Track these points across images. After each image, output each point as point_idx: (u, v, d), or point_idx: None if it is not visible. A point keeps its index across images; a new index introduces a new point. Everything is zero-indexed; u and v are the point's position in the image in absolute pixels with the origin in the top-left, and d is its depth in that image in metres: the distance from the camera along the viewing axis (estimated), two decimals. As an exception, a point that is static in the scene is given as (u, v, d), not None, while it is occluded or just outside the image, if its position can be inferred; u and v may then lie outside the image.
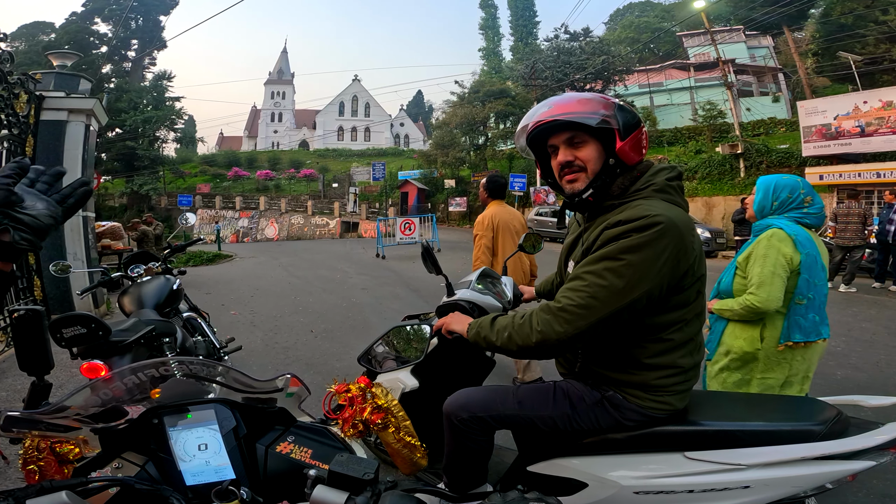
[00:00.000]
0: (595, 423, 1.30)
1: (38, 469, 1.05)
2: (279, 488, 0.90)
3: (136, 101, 33.45)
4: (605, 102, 1.25)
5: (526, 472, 1.42)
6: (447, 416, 1.42)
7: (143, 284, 2.83)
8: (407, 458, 1.31)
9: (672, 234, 1.14)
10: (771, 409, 1.38)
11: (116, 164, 33.48)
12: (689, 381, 1.29)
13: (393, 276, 10.10)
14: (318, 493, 0.63)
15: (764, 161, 16.81)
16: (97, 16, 35.66)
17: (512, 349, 1.27)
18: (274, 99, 57.53)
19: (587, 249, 1.25)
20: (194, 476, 0.84)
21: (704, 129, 21.83)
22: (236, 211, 32.51)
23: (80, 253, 6.07)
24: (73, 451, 1.08)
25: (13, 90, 5.10)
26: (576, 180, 1.29)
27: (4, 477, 2.46)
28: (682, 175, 1.34)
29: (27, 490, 0.57)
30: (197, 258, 13.55)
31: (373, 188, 32.65)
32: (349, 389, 1.28)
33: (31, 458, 1.05)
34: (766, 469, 1.15)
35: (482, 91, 27.35)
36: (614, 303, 1.14)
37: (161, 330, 2.34)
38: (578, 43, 26.56)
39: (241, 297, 8.12)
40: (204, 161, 43.81)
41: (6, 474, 2.48)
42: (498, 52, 47.71)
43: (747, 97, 24.90)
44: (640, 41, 32.26)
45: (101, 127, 7.30)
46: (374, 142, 54.05)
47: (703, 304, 1.29)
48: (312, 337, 5.49)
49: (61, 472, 1.06)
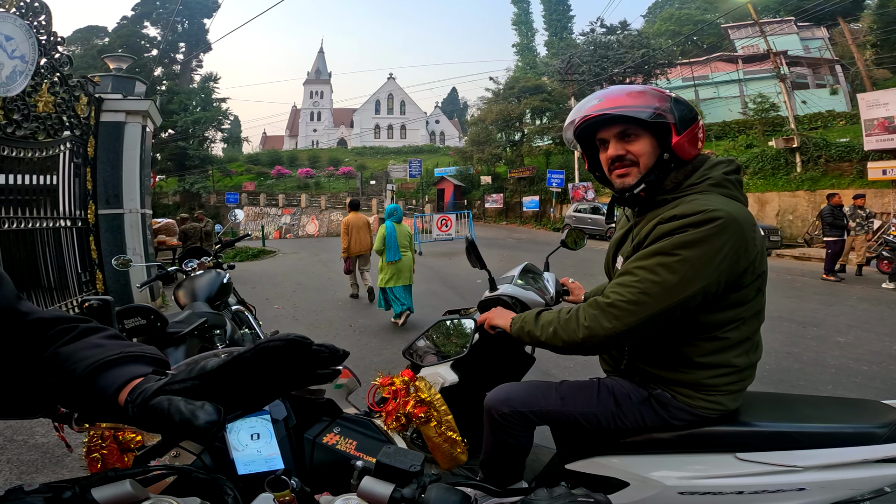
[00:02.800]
0: (640, 421, 1.27)
1: (101, 457, 1.08)
2: (323, 479, 0.92)
3: (186, 103, 35.10)
4: (660, 96, 1.21)
5: (564, 470, 1.41)
6: (488, 410, 1.42)
7: (196, 278, 2.98)
8: (447, 452, 1.32)
9: (732, 229, 1.10)
10: (831, 410, 1.32)
11: (169, 164, 35.27)
12: (744, 382, 1.25)
13: (430, 272, 10.17)
14: (366, 484, 0.63)
15: (822, 155, 15.83)
16: (146, 19, 37.21)
17: (556, 345, 1.26)
18: (312, 98, 58.95)
19: (638, 245, 1.22)
20: (245, 465, 0.85)
21: (756, 123, 20.74)
22: (279, 208, 33.60)
23: (139, 248, 6.43)
24: (135, 440, 1.11)
25: (73, 93, 5.40)
26: (627, 175, 1.25)
27: (61, 465, 2.60)
28: (740, 169, 1.28)
29: (92, 479, 0.59)
30: (243, 254, 14.12)
31: (409, 185, 32.96)
32: (393, 382, 1.30)
33: (94, 446, 1.08)
34: (823, 471, 1.12)
35: (517, 87, 27.06)
36: (667, 299, 1.11)
37: (212, 322, 2.46)
38: (616, 37, 25.85)
39: (283, 292, 8.40)
40: (249, 160, 45.55)
41: (63, 462, 2.62)
42: (532, 48, 47.07)
43: (802, 90, 23.49)
44: (682, 34, 31.00)
45: (155, 128, 7.70)
46: (410, 139, 54.50)
47: (762, 302, 1.23)
48: (351, 332, 5.61)
49: (122, 460, 1.09)
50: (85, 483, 0.58)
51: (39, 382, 0.64)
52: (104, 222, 6.14)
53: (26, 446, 2.81)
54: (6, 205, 4.49)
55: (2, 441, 2.85)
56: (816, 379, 3.85)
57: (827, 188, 14.70)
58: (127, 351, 0.65)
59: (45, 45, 4.66)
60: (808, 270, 9.95)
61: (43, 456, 2.70)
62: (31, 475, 2.51)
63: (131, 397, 0.58)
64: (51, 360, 0.64)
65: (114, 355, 0.63)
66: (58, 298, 5.13)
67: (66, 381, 0.62)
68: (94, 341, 0.67)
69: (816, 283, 8.56)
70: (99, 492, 0.57)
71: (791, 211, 15.90)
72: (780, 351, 4.39)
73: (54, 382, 0.63)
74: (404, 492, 0.62)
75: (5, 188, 4.44)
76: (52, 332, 0.68)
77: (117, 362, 0.63)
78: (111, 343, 0.68)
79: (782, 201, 16.04)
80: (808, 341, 4.79)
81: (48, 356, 0.65)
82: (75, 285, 5.55)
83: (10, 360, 0.66)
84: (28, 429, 2.96)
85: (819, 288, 8.08)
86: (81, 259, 5.74)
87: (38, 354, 0.66)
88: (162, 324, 2.06)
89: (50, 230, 5.18)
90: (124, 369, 0.63)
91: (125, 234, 6.31)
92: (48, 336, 0.67)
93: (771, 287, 1.31)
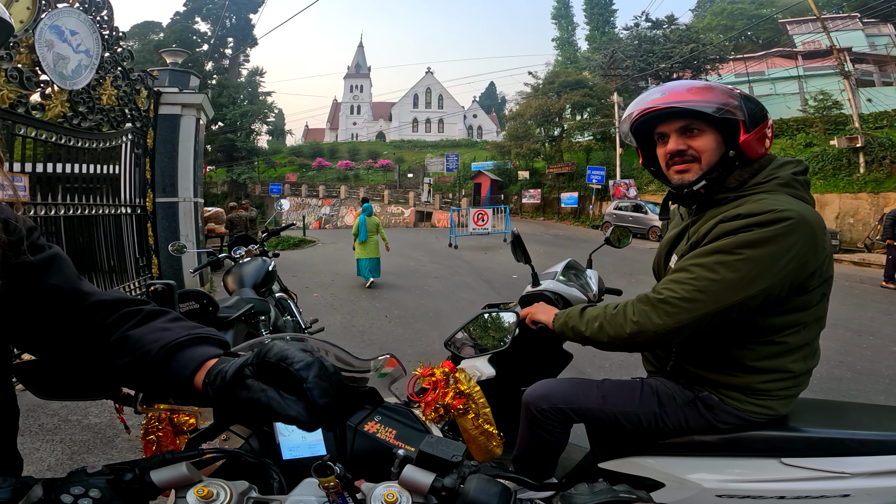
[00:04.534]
0: (683, 423, 1.25)
1: (157, 439, 1.12)
2: (362, 466, 0.93)
3: (234, 97, 36.41)
4: (729, 92, 1.17)
5: (597, 469, 1.40)
6: (526, 405, 1.42)
7: (244, 265, 3.11)
8: (483, 445, 1.33)
9: (802, 230, 1.06)
10: (884, 418, 1.28)
11: (219, 155, 36.79)
12: (798, 388, 1.21)
13: (465, 265, 10.19)
14: (408, 472, 0.63)
15: (888, 156, 14.73)
16: (197, 15, 38.47)
17: (602, 340, 1.23)
18: (352, 92, 59.97)
19: (695, 244, 1.18)
20: (290, 451, 0.88)
21: (816, 121, 19.51)
22: (320, 199, 34.48)
23: (191, 235, 6.76)
24: (188, 422, 1.16)
25: (135, 86, 5.69)
26: (687, 171, 1.21)
27: (112, 446, 2.71)
28: (808, 170, 1.23)
29: (150, 461, 0.61)
30: (285, 243, 14.59)
31: (446, 179, 33.01)
32: (434, 373, 1.33)
33: (151, 428, 1.13)
34: (870, 478, 1.10)
35: (557, 82, 26.53)
36: (724, 299, 1.08)
37: (258, 308, 2.57)
38: (662, 31, 24.81)
39: (322, 281, 8.63)
40: (291, 152, 46.83)
41: (114, 443, 2.72)
42: (572, 42, 45.97)
43: (868, 87, 21.90)
44: (736, 28, 29.42)
45: (207, 120, 8.04)
46: (448, 133, 54.54)
47: (825, 307, 1.19)
48: (387, 322, 5.71)
49: (174, 441, 1.14)
50: (144, 465, 0.60)
51: (108, 365, 0.67)
52: (160, 210, 6.48)
53: (80, 426, 2.91)
54: (71, 192, 4.79)
55: (57, 421, 2.96)
56: (869, 389, 3.69)
57: (892, 191, 13.70)
58: (194, 333, 0.67)
59: (107, 39, 4.89)
60: (868, 277, 9.35)
61: (95, 436, 2.80)
62: (82, 455, 2.59)
63: (208, 379, 0.60)
64: (121, 343, 0.66)
65: (183, 337, 0.65)
66: (117, 281, 5.46)
67: (139, 363, 0.64)
68: (160, 325, 0.69)
69: (875, 290, 8.05)
70: (157, 474, 0.59)
71: (852, 214, 14.92)
72: (834, 359, 4.21)
73: (127, 364, 0.65)
74: (445, 481, 0.62)
75: (71, 177, 4.74)
76: (117, 316, 0.70)
77: (186, 344, 0.65)
78: (177, 325, 0.70)
79: (843, 203, 15.06)
80: (863, 350, 4.61)
81: (117, 339, 0.67)
82: (133, 269, 5.89)
83: (74, 341, 0.68)
84: (83, 409, 3.07)
85: (878, 296, 7.61)
86: (139, 245, 6.09)
87: (104, 337, 0.67)
88: (213, 308, 2.17)
89: (111, 217, 5.51)
90: (195, 350, 0.65)
91: (179, 222, 6.64)
92: (114, 319, 0.69)
93: (828, 294, 1.25)
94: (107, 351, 0.67)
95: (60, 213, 4.52)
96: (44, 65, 4.00)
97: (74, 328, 0.69)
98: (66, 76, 4.30)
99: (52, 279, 0.69)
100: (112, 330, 0.68)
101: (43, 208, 4.29)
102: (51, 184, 4.53)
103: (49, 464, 2.52)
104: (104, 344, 0.68)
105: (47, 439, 2.77)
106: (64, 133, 4.44)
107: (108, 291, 0.76)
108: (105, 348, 0.67)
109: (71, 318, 0.69)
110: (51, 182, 4.54)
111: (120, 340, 0.67)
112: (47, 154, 4.45)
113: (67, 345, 0.69)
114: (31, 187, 4.18)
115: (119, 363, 0.65)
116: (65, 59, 4.25)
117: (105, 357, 0.67)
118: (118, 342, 0.67)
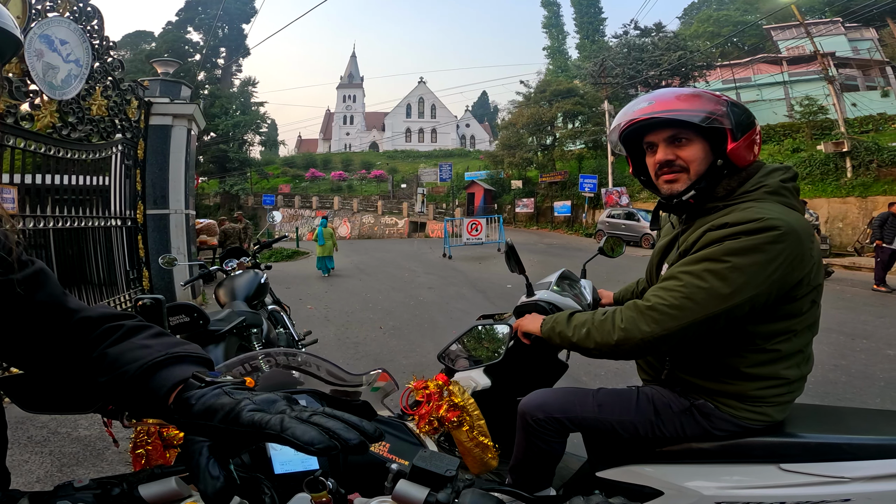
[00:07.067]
0: (680, 430, 1.25)
1: (146, 453, 1.09)
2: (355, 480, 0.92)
3: (227, 107, 36.31)
4: (715, 100, 1.17)
5: (594, 478, 1.39)
6: (522, 415, 1.41)
7: (236, 278, 3.08)
8: (478, 457, 1.32)
9: (790, 239, 1.05)
10: (881, 422, 1.28)
11: (211, 166, 36.60)
12: (793, 394, 1.21)
13: (459, 276, 10.18)
14: (401, 487, 0.62)
15: (874, 160, 14.98)
16: (190, 25, 38.40)
17: (588, 346, 1.23)
18: (345, 102, 60.13)
19: (684, 252, 1.19)
20: (282, 465, 0.86)
21: (803, 126, 19.83)
22: (313, 210, 34.38)
23: (183, 247, 6.69)
24: (178, 436, 1.12)
25: (125, 96, 5.63)
26: (675, 181, 1.21)
27: (102, 459, 2.67)
28: (797, 176, 1.23)
29: (139, 475, 0.61)
30: (278, 255, 14.52)
31: (440, 189, 33.09)
32: (427, 386, 1.31)
33: (140, 442, 1.10)
34: (871, 483, 1.10)
35: (549, 90, 26.78)
36: (711, 307, 1.07)
37: (250, 321, 2.54)
38: (650, 39, 25.21)
39: (316, 292, 8.58)
40: (284, 163, 46.73)
41: (104, 456, 2.68)
42: (563, 51, 46.64)
43: (852, 92, 22.34)
44: (722, 35, 29.99)
45: (199, 131, 8.00)
46: (441, 143, 54.78)
47: (816, 314, 1.19)
48: (381, 333, 5.67)
49: (164, 455, 1.11)
50: (132, 480, 0.59)
51: (90, 381, 0.65)
52: (151, 222, 6.41)
53: (69, 439, 2.87)
54: (61, 204, 4.73)
55: (46, 433, 2.92)
56: (864, 392, 3.70)
57: (879, 194, 13.88)
58: (172, 352, 0.66)
59: (98, 49, 4.84)
60: (859, 280, 9.44)
61: (84, 449, 2.76)
62: (72, 468, 2.56)
63: (174, 404, 0.59)
64: (100, 361, 0.65)
65: (160, 356, 0.64)
66: (107, 294, 5.38)
67: (117, 382, 0.63)
68: (140, 342, 0.68)
69: (867, 293, 8.12)
70: (146, 489, 0.58)
71: (841, 218, 15.12)
72: (828, 363, 4.22)
73: (106, 383, 0.63)
74: (439, 496, 0.61)
75: (60, 188, 4.68)
76: (98, 332, 0.69)
77: (165, 363, 0.64)
78: (157, 343, 0.68)
79: (831, 208, 15.26)
80: (856, 354, 4.63)
81: (97, 356, 0.66)
82: (123, 282, 5.82)
83: (59, 357, 0.67)
84: (73, 422, 3.03)
85: (870, 299, 7.68)
86: (130, 257, 6.01)
87: (87, 354, 0.66)
88: (204, 321, 2.14)
89: (101, 229, 5.45)
90: (173, 370, 0.63)
91: (170, 234, 6.57)
92: (95, 335, 0.68)
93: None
94: (87, 368, 0.66)
95: (49, 225, 4.46)
96: (33, 74, 3.96)
97: (58, 344, 0.67)
98: (55, 86, 4.25)
99: (37, 295, 0.68)
100: (93, 346, 0.67)
101: (32, 220, 4.23)
102: (40, 195, 4.47)
103: (38, 476, 2.49)
104: (86, 360, 0.66)
105: (36, 451, 2.73)
106: (53, 144, 4.40)
107: (93, 306, 0.75)
108: (86, 365, 0.66)
109: (54, 335, 0.67)
110: (40, 194, 4.47)
111: (99, 358, 0.66)
112: (36, 165, 4.39)
113: (51, 360, 0.68)
114: (20, 199, 4.12)
115: (98, 381, 0.64)
116: (54, 69, 4.21)
117: (86, 374, 0.66)
118: (98, 359, 0.65)
